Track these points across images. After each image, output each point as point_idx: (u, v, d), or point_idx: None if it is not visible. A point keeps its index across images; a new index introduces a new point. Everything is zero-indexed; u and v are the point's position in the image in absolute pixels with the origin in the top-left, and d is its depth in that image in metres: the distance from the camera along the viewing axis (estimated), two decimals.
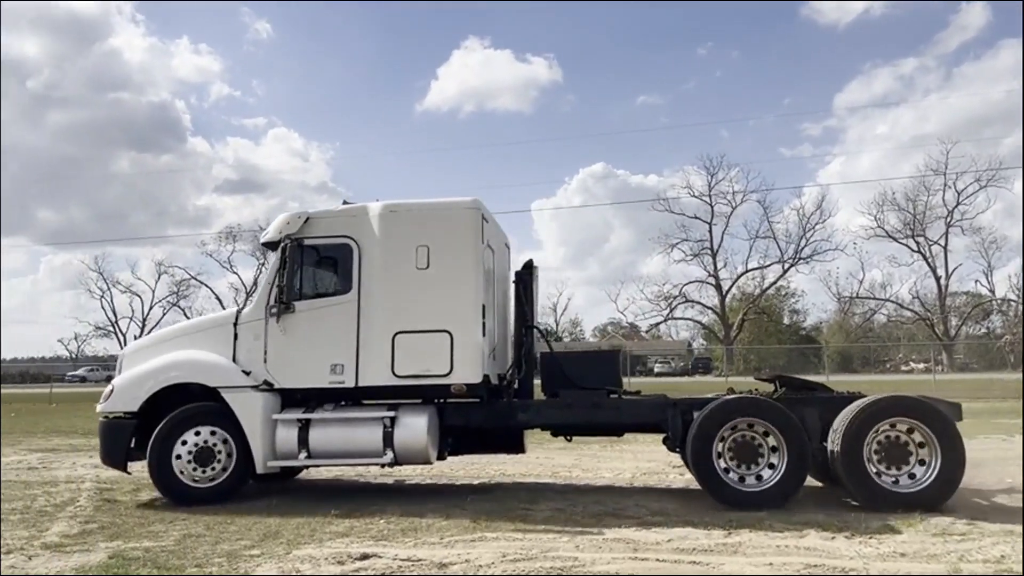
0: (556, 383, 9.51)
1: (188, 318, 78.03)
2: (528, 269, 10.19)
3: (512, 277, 10.24)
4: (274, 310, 8.94)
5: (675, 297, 72.58)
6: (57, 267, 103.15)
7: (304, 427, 8.73)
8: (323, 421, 8.76)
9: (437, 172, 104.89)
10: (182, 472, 8.73)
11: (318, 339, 8.93)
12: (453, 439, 9.29)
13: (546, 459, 12.45)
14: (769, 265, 72.08)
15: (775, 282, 72.48)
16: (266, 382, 8.92)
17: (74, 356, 78.99)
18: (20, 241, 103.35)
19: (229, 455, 8.81)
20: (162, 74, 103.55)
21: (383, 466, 9.09)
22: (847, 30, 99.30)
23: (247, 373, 8.91)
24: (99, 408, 9.22)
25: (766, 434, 8.28)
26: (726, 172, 72.69)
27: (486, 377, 8.89)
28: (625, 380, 11.37)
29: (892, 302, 71.65)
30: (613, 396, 9.34)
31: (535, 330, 10.10)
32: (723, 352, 59.39)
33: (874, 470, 8.02)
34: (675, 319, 76.43)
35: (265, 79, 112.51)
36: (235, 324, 9.15)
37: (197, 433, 8.78)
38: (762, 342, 66.32)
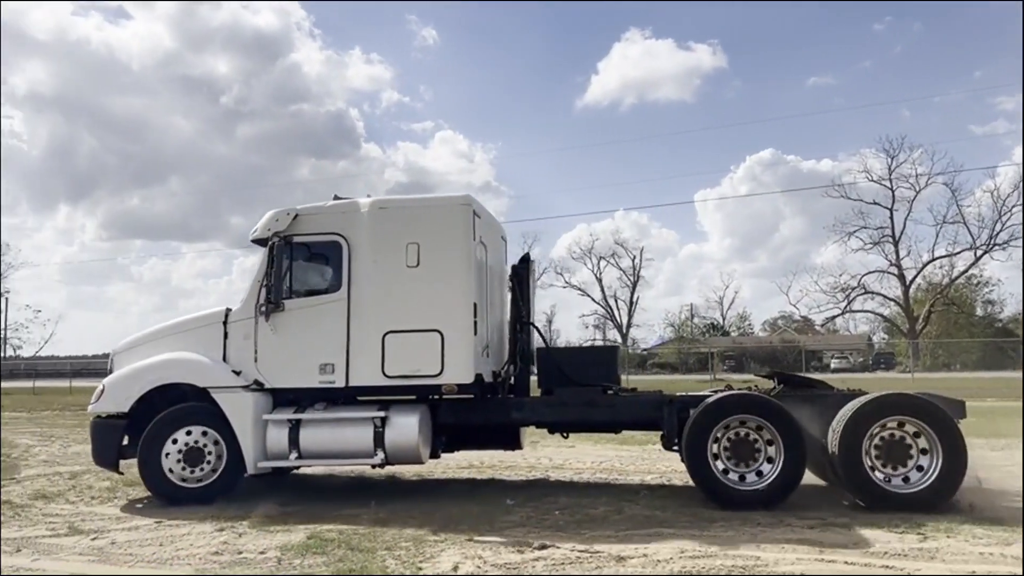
0: (553, 380, 9.35)
1: None
2: (524, 263, 9.98)
3: (508, 271, 10.09)
4: (263, 309, 8.76)
5: (853, 288, 68.52)
6: (247, 268, 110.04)
7: (295, 427, 8.59)
8: (313, 421, 8.62)
9: (598, 167, 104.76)
10: (171, 471, 8.61)
11: (307, 338, 8.79)
12: (447, 437, 9.24)
13: None
14: (959, 252, 66.52)
15: (966, 271, 66.84)
16: (256, 382, 8.80)
17: None
18: (215, 245, 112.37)
19: (219, 455, 8.69)
20: (337, 84, 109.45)
21: (373, 467, 9.01)
22: None
23: (237, 373, 8.79)
24: (90, 408, 9.21)
25: (763, 431, 8.05)
26: (908, 154, 67.58)
27: (479, 376, 8.72)
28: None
29: None
30: (608, 393, 9.10)
31: (531, 326, 9.88)
32: (908, 347, 55.56)
33: (873, 469, 7.79)
34: (853, 312, 72.16)
35: (432, 84, 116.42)
36: (225, 323, 9.01)
37: (188, 433, 8.67)
38: (951, 336, 61.51)
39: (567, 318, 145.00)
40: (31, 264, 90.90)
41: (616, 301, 79.97)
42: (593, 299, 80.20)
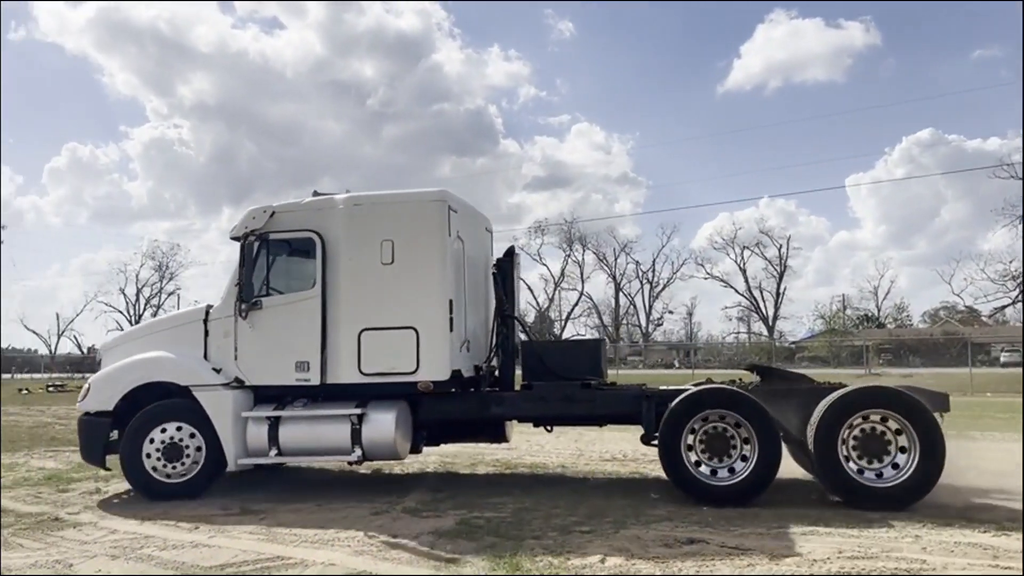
0: (536, 373, 9.14)
1: None
2: (508, 256, 9.79)
3: (493, 264, 9.89)
4: (242, 308, 8.79)
5: None
6: None
7: (274, 424, 8.62)
8: (292, 419, 8.63)
9: (740, 154, 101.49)
10: (153, 468, 8.68)
11: (284, 336, 8.75)
12: (429, 431, 9.15)
13: None
14: None
15: None
16: (237, 379, 8.83)
17: None
18: None
19: (198, 451, 8.73)
20: (477, 82, 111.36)
21: (350, 463, 8.95)
22: None
23: (218, 370, 8.84)
24: (78, 405, 9.35)
25: (738, 426, 7.92)
26: None
27: (456, 372, 8.62)
28: (964, 371, 10.15)
29: None
30: (587, 388, 8.86)
31: (514, 319, 9.67)
32: None
33: (851, 464, 7.67)
34: None
35: (568, 77, 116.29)
36: (205, 321, 9.04)
37: (164, 431, 8.71)
38: None
39: (709, 310, 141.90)
40: (199, 263, 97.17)
41: (761, 292, 77.44)
42: (736, 290, 78.05)
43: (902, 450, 7.62)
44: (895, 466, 7.62)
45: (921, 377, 30.44)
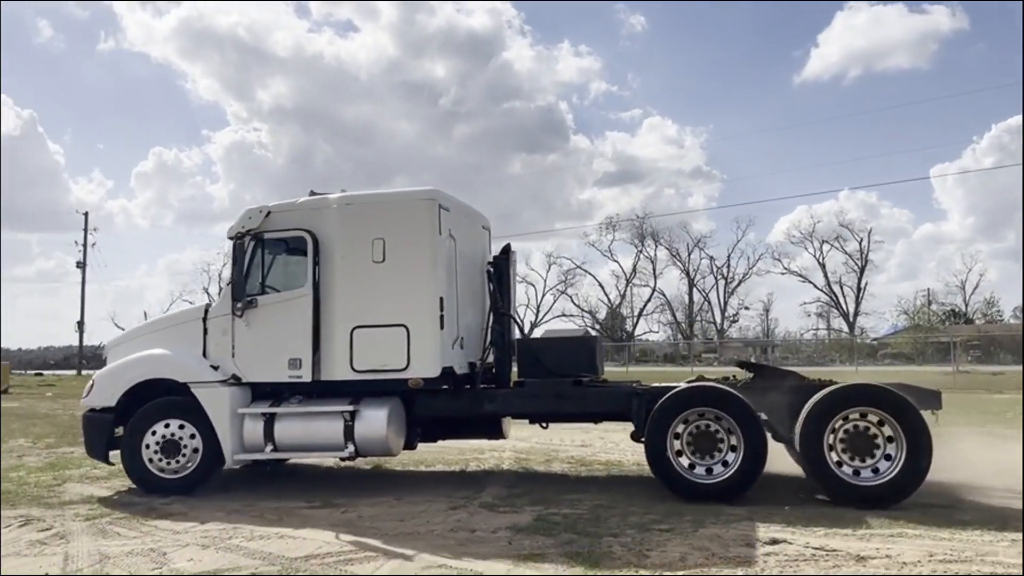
0: (531, 370, 9.19)
1: (576, 305, 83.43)
2: (504, 254, 9.76)
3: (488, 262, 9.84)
4: (238, 306, 8.92)
5: None
6: None
7: (269, 421, 8.74)
8: (287, 415, 8.75)
9: (819, 145, 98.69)
10: (151, 462, 8.91)
11: (278, 334, 8.86)
12: (424, 428, 9.22)
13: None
14: None
15: None
16: (234, 376, 8.96)
17: None
18: None
19: (195, 448, 8.90)
20: (547, 79, 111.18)
21: (343, 459, 9.05)
22: None
23: (216, 368, 8.99)
24: (82, 402, 9.58)
25: (724, 424, 7.96)
26: None
27: (448, 369, 8.68)
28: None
29: None
30: (578, 385, 8.88)
31: (509, 317, 9.61)
32: None
33: (836, 461, 7.70)
34: None
35: (640, 71, 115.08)
36: (204, 319, 9.21)
37: (166, 426, 8.92)
38: None
39: (787, 306, 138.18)
40: None
41: (841, 287, 75.29)
42: (815, 285, 76.08)
43: (888, 450, 7.63)
44: (882, 464, 7.62)
45: (1013, 376, 29.13)
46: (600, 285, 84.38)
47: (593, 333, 9.98)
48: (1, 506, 8.29)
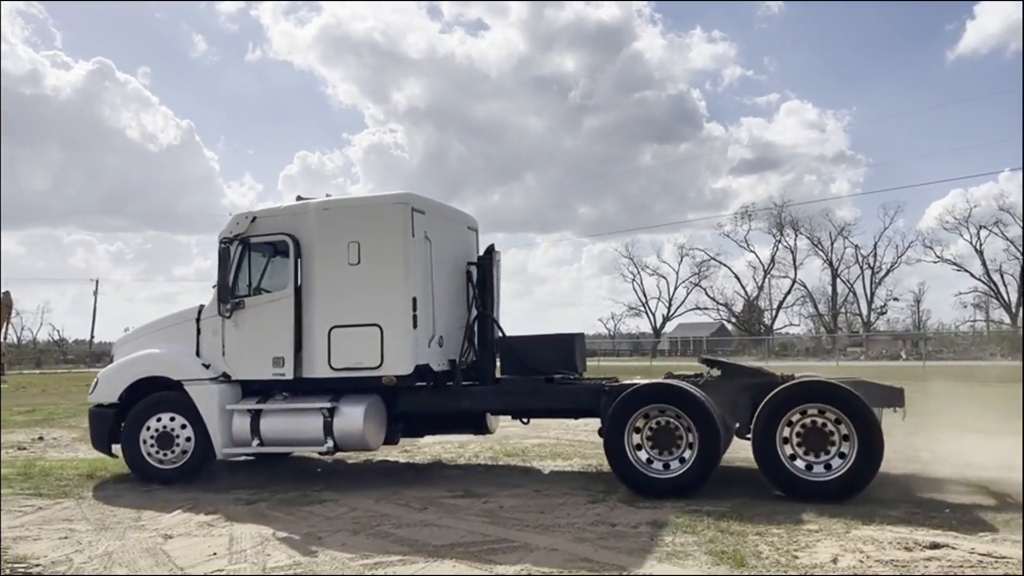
0: (512, 368, 9.52)
1: (710, 298, 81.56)
2: (487, 255, 9.96)
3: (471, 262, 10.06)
4: (226, 308, 9.32)
5: None
6: (595, 255, 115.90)
7: (255, 416, 9.15)
8: (272, 411, 9.15)
9: (976, 124, 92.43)
10: (148, 454, 9.42)
11: (263, 333, 9.26)
12: (406, 423, 9.51)
13: None
14: None
15: None
16: (224, 374, 9.39)
17: (611, 334, 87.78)
18: (565, 234, 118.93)
19: (188, 440, 9.37)
20: (679, 67, 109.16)
21: (322, 454, 9.49)
22: None
23: (207, 366, 9.45)
24: (88, 398, 10.19)
25: (683, 420, 8.04)
26: None
27: (423, 367, 8.99)
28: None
29: None
30: (550, 382, 9.13)
31: (488, 317, 9.75)
32: None
33: (792, 457, 7.78)
34: None
35: (777, 54, 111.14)
36: (198, 320, 9.64)
37: (159, 420, 9.42)
38: None
39: (940, 296, 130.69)
40: None
41: (1002, 276, 69.89)
42: (972, 274, 71.05)
43: (842, 445, 7.70)
44: (835, 461, 7.70)
45: None
46: (736, 277, 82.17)
47: (574, 332, 10.12)
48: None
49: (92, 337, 77.51)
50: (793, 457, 7.80)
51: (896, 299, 75.63)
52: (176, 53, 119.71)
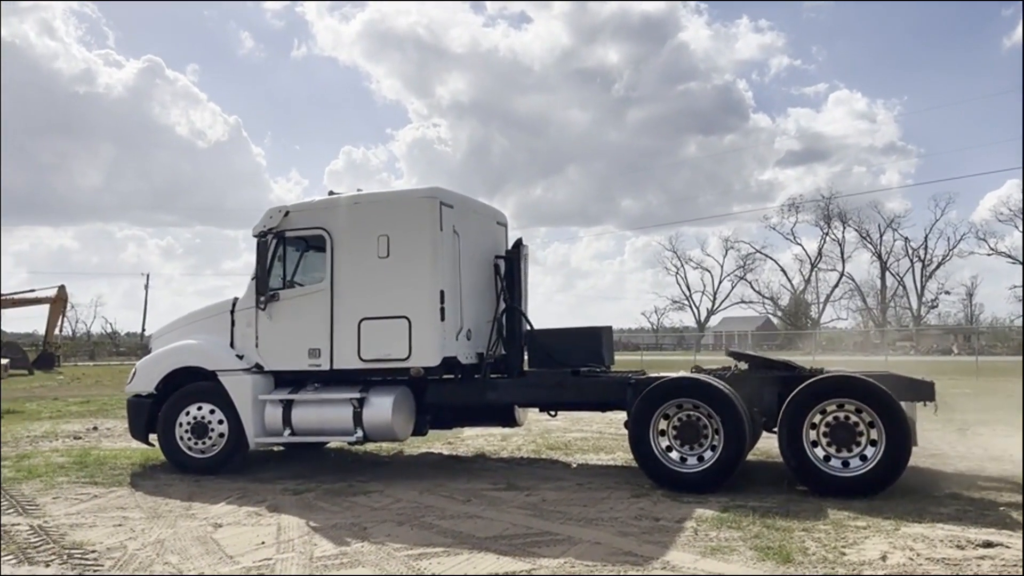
0: (540, 361, 9.63)
1: (756, 291, 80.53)
2: (515, 249, 10.08)
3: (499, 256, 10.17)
4: (262, 300, 9.46)
5: None
6: (639, 248, 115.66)
7: (287, 407, 9.29)
8: (303, 402, 9.29)
9: None
10: (183, 443, 9.63)
11: (298, 325, 9.42)
12: (434, 415, 9.59)
13: None
14: None
15: None
16: (257, 365, 9.56)
17: (655, 327, 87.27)
18: (608, 228, 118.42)
19: (222, 429, 9.54)
20: (725, 58, 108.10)
21: (351, 443, 9.62)
22: None
23: (241, 357, 9.64)
24: (126, 388, 10.37)
25: (709, 415, 8.01)
26: None
27: (451, 359, 9.09)
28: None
29: None
30: (575, 375, 9.19)
31: (516, 310, 9.83)
32: None
33: (820, 452, 7.73)
34: None
35: (826, 43, 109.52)
36: (232, 312, 9.82)
37: (195, 409, 9.61)
38: None
39: (993, 290, 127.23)
40: None
41: None
42: None
43: (871, 440, 7.61)
44: (863, 456, 7.62)
45: None
46: (782, 270, 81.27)
47: (601, 325, 10.07)
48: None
49: (143, 330, 79.17)
50: (823, 454, 7.73)
51: (947, 292, 74.22)
52: (224, 51, 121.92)
